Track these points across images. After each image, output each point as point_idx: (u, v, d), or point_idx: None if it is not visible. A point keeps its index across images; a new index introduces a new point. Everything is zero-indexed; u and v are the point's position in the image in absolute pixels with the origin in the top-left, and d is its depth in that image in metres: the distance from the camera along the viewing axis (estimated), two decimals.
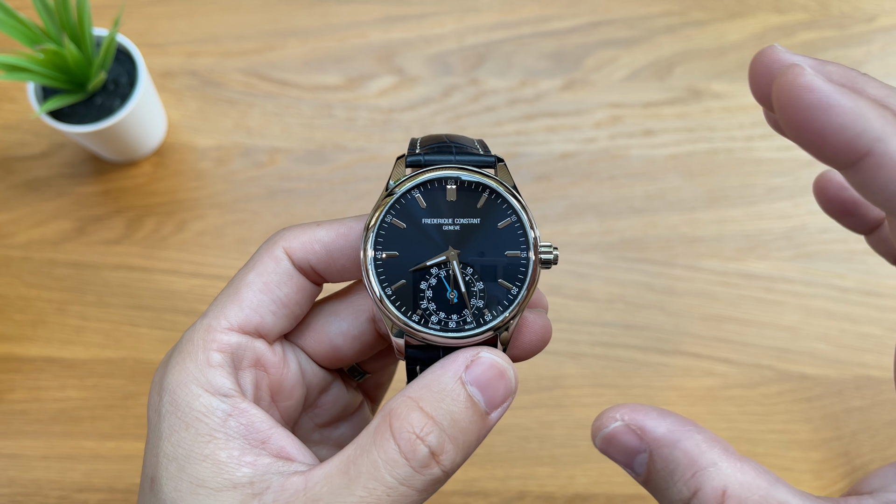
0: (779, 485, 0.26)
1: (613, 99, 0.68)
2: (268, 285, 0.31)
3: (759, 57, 0.25)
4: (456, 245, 0.30)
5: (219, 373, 0.29)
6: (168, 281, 0.63)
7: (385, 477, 0.26)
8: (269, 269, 0.31)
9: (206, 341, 0.30)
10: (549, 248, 0.31)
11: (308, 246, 0.31)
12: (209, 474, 0.27)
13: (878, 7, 0.71)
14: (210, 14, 0.70)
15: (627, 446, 0.28)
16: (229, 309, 0.30)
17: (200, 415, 0.28)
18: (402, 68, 0.69)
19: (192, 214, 0.65)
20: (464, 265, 0.30)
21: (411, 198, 0.30)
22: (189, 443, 0.28)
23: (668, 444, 0.27)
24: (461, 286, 0.30)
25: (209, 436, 0.28)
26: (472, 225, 0.30)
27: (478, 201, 0.31)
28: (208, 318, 0.30)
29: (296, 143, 0.67)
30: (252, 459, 0.28)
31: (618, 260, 0.64)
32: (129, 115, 0.59)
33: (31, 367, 0.61)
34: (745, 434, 0.61)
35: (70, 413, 0.60)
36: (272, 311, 0.31)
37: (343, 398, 0.35)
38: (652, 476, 0.27)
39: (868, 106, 0.22)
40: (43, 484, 0.59)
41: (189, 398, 0.28)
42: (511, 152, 0.67)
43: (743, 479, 0.26)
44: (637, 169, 0.66)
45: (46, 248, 0.64)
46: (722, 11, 0.71)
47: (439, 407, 0.27)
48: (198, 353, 0.29)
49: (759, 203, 0.66)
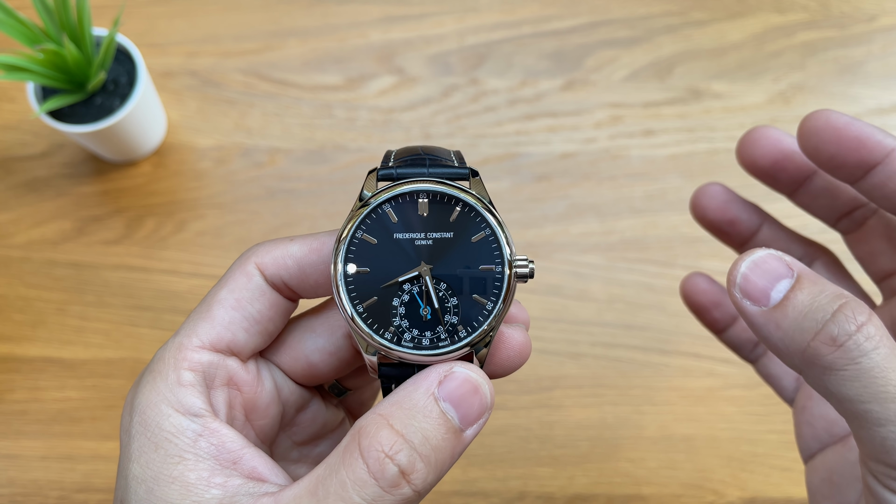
0: None
1: (614, 99, 0.68)
2: (240, 302, 0.30)
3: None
4: (428, 260, 0.29)
5: (189, 392, 0.29)
6: (168, 281, 0.63)
7: (353, 497, 0.25)
8: (241, 285, 0.30)
9: (177, 360, 0.29)
10: (524, 262, 0.29)
11: (280, 261, 0.30)
12: (178, 497, 0.27)
13: (879, 7, 0.71)
14: (210, 14, 0.70)
15: (775, 270, 0.28)
16: (201, 327, 0.30)
17: (170, 435, 0.28)
18: (403, 68, 0.69)
19: (191, 214, 0.65)
20: (437, 280, 0.29)
21: (382, 212, 0.30)
22: (158, 464, 0.27)
23: (814, 275, 0.28)
24: (434, 302, 0.29)
25: (178, 457, 0.27)
26: (445, 239, 0.30)
27: (451, 215, 0.30)
28: (180, 336, 0.30)
29: (296, 143, 0.67)
30: (222, 481, 0.27)
31: (618, 260, 0.64)
32: (128, 116, 0.59)
33: (31, 367, 0.61)
34: (745, 434, 0.61)
35: (70, 413, 0.60)
36: (244, 329, 0.30)
37: (322, 416, 0.35)
38: (787, 303, 0.27)
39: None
40: (42, 484, 0.59)
41: (159, 418, 0.28)
42: (511, 152, 0.67)
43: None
44: (637, 169, 0.66)
45: (46, 249, 0.64)
46: (722, 11, 0.71)
47: (410, 424, 0.26)
48: (168, 373, 0.29)
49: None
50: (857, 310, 0.26)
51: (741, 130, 0.68)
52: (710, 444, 0.60)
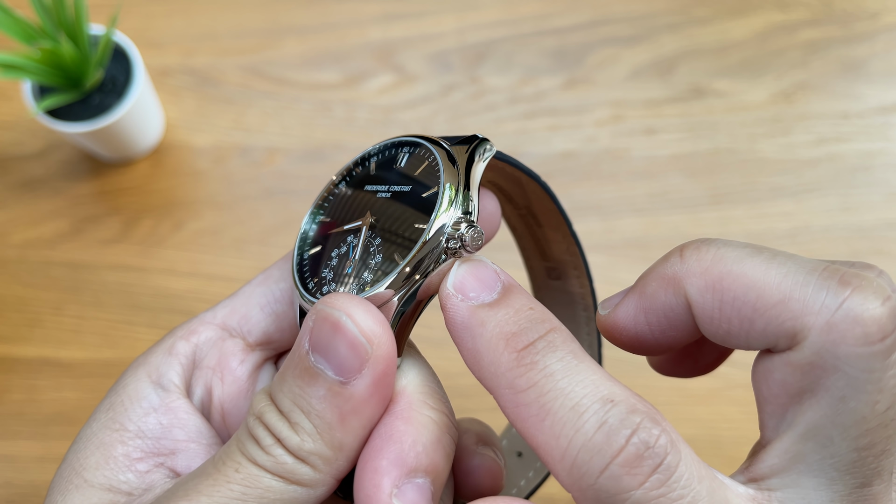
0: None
1: (615, 97, 0.68)
2: (267, 279, 0.28)
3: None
4: (377, 212, 0.27)
5: (170, 362, 0.26)
6: (165, 281, 0.63)
7: (235, 454, 0.22)
8: (277, 264, 0.29)
9: (181, 329, 0.28)
10: (458, 222, 0.24)
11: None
12: (94, 463, 0.24)
13: (882, 4, 0.70)
14: (208, 12, 0.69)
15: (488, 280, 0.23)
16: (223, 303, 0.28)
17: (127, 399, 0.26)
18: (402, 66, 0.68)
19: (189, 214, 0.64)
20: (374, 234, 0.26)
21: (367, 165, 0.28)
22: (99, 424, 0.25)
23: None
24: (357, 254, 0.26)
25: (120, 424, 0.25)
26: (402, 192, 0.27)
27: (418, 169, 0.27)
28: (204, 312, 0.29)
29: (294, 142, 0.66)
30: (145, 468, 0.24)
31: (620, 259, 0.64)
32: (126, 114, 0.58)
33: (28, 367, 0.61)
34: (748, 435, 0.60)
35: (67, 414, 0.60)
36: (260, 305, 0.28)
37: None
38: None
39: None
40: (39, 485, 0.58)
41: (129, 380, 0.26)
42: (512, 151, 0.66)
43: None
44: (639, 168, 0.66)
45: (43, 248, 0.63)
46: (724, 9, 0.70)
47: (281, 388, 0.22)
48: (166, 339, 0.27)
49: (762, 202, 0.65)
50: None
51: (744, 129, 0.68)
52: (712, 444, 0.60)
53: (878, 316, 0.19)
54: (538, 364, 0.21)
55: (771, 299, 0.21)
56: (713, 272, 0.22)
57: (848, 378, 0.19)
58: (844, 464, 0.20)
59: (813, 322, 0.20)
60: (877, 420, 0.20)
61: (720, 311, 0.22)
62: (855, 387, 0.19)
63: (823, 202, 0.65)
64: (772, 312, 0.21)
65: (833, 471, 0.20)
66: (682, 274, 0.23)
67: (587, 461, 0.19)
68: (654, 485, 0.19)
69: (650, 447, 0.19)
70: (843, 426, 0.20)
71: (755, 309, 0.21)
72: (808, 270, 0.21)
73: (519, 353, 0.21)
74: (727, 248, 0.22)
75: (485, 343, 0.21)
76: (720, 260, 0.22)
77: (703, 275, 0.22)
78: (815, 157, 0.66)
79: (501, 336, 0.21)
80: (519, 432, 0.21)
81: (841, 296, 0.20)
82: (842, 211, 0.65)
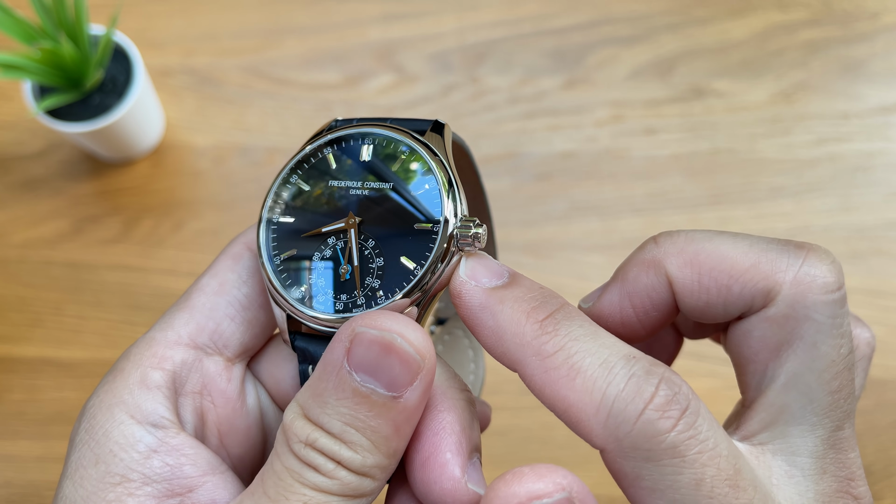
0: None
1: (615, 97, 0.68)
2: (224, 286, 0.26)
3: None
4: (359, 212, 0.25)
5: (152, 396, 0.24)
6: (166, 281, 0.63)
7: (293, 485, 0.21)
8: (226, 267, 0.26)
9: (144, 357, 0.25)
10: (468, 224, 0.24)
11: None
12: None
13: (881, 5, 0.70)
14: (208, 12, 0.69)
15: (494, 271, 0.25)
16: (178, 318, 0.26)
17: (117, 447, 0.23)
18: (402, 66, 0.68)
19: (189, 214, 0.64)
20: (364, 236, 0.25)
21: (322, 156, 0.26)
22: (93, 483, 0.22)
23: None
24: (355, 260, 0.25)
25: (120, 476, 0.22)
26: (383, 190, 0.25)
27: (393, 164, 0.25)
28: (153, 330, 0.26)
29: (294, 141, 0.66)
30: None
31: (620, 260, 0.63)
32: (126, 114, 0.58)
33: (28, 367, 0.61)
34: None
35: (67, 414, 0.60)
36: (229, 316, 0.26)
37: None
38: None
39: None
40: (39, 485, 0.58)
41: (108, 425, 0.23)
42: (512, 151, 0.66)
43: None
44: (639, 168, 0.66)
45: (43, 248, 0.63)
46: (724, 9, 0.70)
47: (323, 413, 0.22)
48: (131, 371, 0.24)
49: (762, 202, 0.65)
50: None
51: (744, 129, 0.68)
52: None
53: (833, 270, 0.23)
54: (561, 330, 0.22)
55: (743, 265, 0.24)
56: (688, 250, 0.25)
57: (817, 325, 0.23)
58: (822, 407, 0.23)
59: (783, 278, 0.23)
60: (843, 362, 0.23)
61: (699, 283, 0.25)
62: (823, 332, 0.23)
63: (823, 202, 0.65)
64: (746, 276, 0.24)
65: (813, 416, 0.23)
66: (660, 256, 0.25)
67: (622, 410, 0.21)
68: (684, 427, 0.20)
69: (677, 394, 0.21)
70: (818, 371, 0.23)
71: (730, 275, 0.24)
72: (767, 241, 0.24)
73: (541, 322, 0.23)
74: (695, 232, 0.25)
75: (506, 318, 0.23)
76: (692, 240, 0.25)
77: (679, 254, 0.25)
78: (815, 157, 0.66)
79: (521, 310, 0.23)
80: (547, 399, 0.22)
81: (801, 256, 0.23)
82: (842, 211, 0.65)
